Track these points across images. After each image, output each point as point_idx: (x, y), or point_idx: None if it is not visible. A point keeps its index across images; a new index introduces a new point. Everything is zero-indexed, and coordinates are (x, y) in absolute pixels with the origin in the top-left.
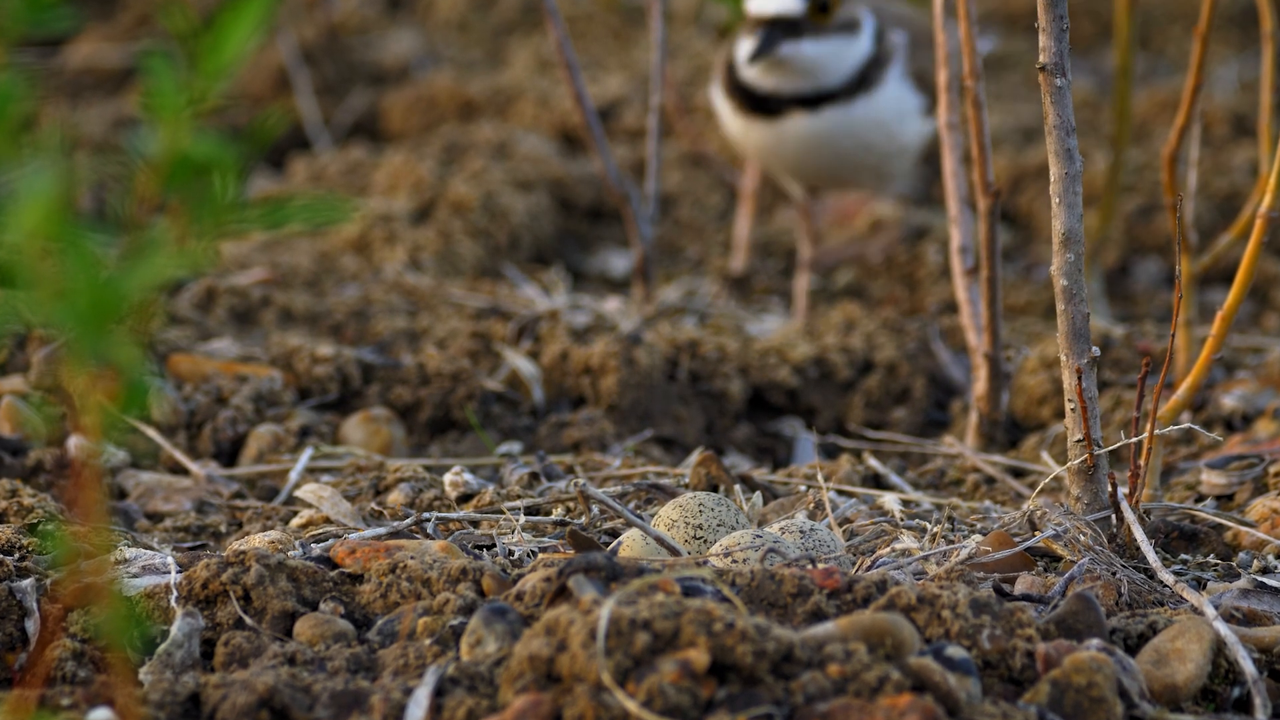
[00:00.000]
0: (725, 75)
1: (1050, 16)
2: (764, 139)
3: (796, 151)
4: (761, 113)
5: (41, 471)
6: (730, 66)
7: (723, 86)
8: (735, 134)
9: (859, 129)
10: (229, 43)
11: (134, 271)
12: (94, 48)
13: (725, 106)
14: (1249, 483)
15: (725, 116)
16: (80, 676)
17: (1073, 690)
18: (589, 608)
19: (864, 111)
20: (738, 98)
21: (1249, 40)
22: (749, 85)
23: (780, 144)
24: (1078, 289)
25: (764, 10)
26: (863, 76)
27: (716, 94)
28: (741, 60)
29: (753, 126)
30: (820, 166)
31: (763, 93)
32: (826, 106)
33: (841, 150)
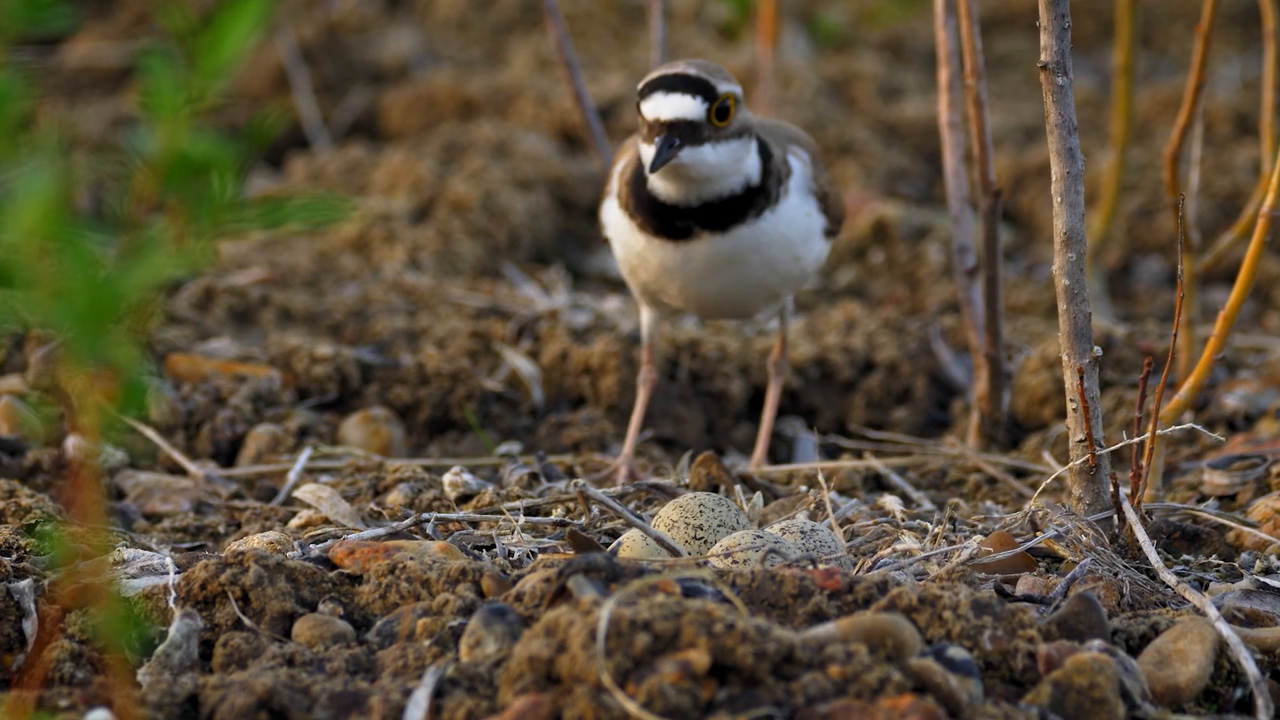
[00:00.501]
0: (628, 189)
1: (1052, 15)
2: (669, 262)
3: (701, 274)
4: (668, 235)
5: (39, 472)
6: (634, 179)
7: (623, 202)
8: (633, 256)
9: (765, 245)
10: (227, 41)
11: (132, 271)
12: (92, 46)
13: (624, 225)
14: (1251, 483)
15: (623, 236)
16: (78, 678)
17: (1074, 691)
18: (589, 608)
19: (771, 226)
20: (642, 214)
21: (1251, 39)
22: (656, 195)
23: (686, 267)
24: (1079, 288)
25: (663, 115)
26: (764, 189)
27: (612, 212)
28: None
29: (655, 248)
30: (723, 290)
31: (670, 203)
32: (735, 226)
33: (747, 271)
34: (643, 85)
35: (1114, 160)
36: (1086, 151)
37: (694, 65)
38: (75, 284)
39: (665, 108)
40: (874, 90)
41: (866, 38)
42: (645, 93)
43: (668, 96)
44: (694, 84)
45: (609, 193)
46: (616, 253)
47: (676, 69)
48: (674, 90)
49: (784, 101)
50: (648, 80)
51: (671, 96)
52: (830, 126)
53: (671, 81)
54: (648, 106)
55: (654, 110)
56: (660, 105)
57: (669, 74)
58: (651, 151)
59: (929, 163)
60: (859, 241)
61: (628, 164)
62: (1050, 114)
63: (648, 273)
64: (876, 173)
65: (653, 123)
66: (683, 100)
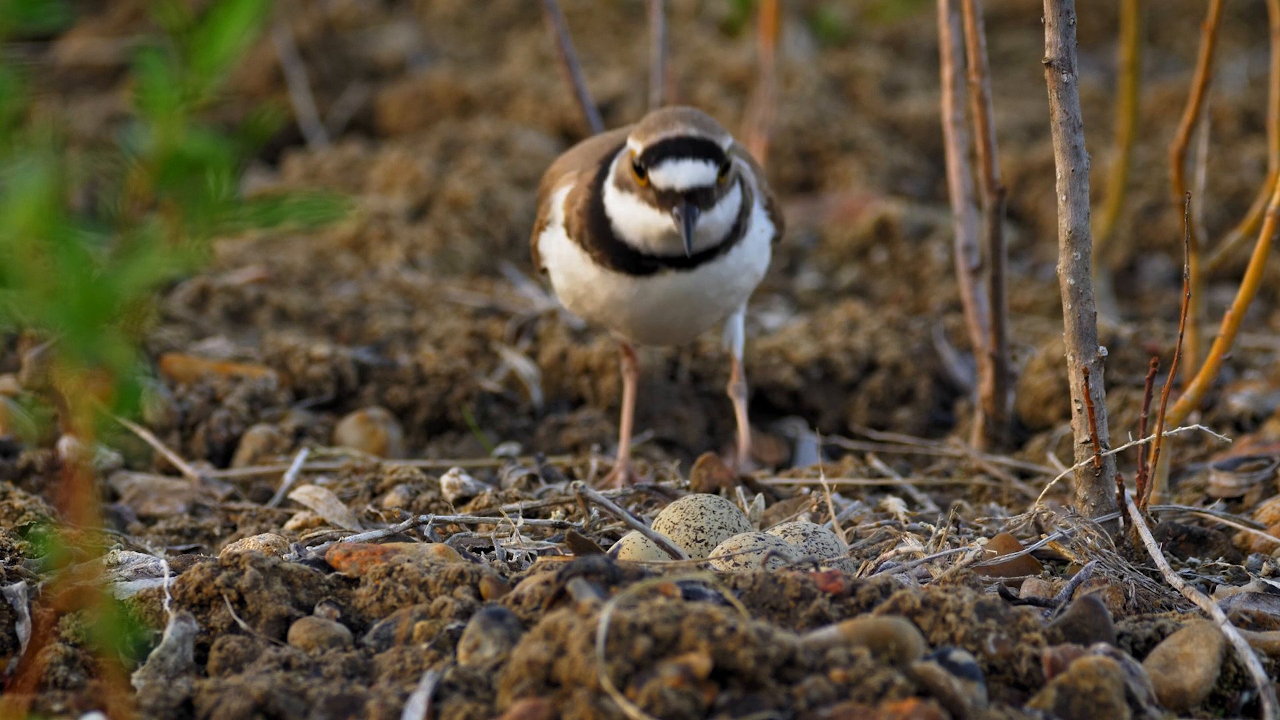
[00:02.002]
0: (583, 221)
1: (1056, 11)
2: (623, 295)
3: (657, 307)
4: (631, 271)
5: (33, 473)
6: (590, 212)
7: (574, 234)
8: (579, 288)
9: (729, 276)
10: (223, 38)
11: (126, 270)
12: (86, 43)
13: (573, 256)
14: (1259, 485)
15: (570, 267)
16: (72, 681)
17: (1079, 695)
18: (588, 611)
19: (735, 259)
20: (601, 249)
21: (1258, 35)
22: (635, 248)
23: (641, 299)
24: (1084, 288)
25: (678, 184)
26: (737, 226)
27: (556, 242)
28: (655, 233)
29: (611, 281)
30: (675, 320)
31: (646, 252)
32: (702, 262)
33: (704, 302)
34: (646, 149)
35: (1119, 158)
36: (1092, 149)
37: (693, 123)
38: (69, 283)
39: (680, 176)
40: (876, 87)
41: (869, 34)
42: (654, 160)
43: (679, 164)
44: (703, 148)
45: (548, 221)
46: (557, 283)
47: (678, 130)
48: (684, 157)
49: (785, 99)
50: (651, 144)
51: (683, 164)
52: (832, 124)
53: (679, 147)
54: (659, 175)
55: (668, 179)
56: (674, 174)
57: (674, 137)
58: (668, 221)
59: (932, 161)
60: (862, 240)
61: (575, 192)
62: (1055, 111)
63: (594, 304)
64: (879, 171)
65: (666, 191)
66: (695, 167)
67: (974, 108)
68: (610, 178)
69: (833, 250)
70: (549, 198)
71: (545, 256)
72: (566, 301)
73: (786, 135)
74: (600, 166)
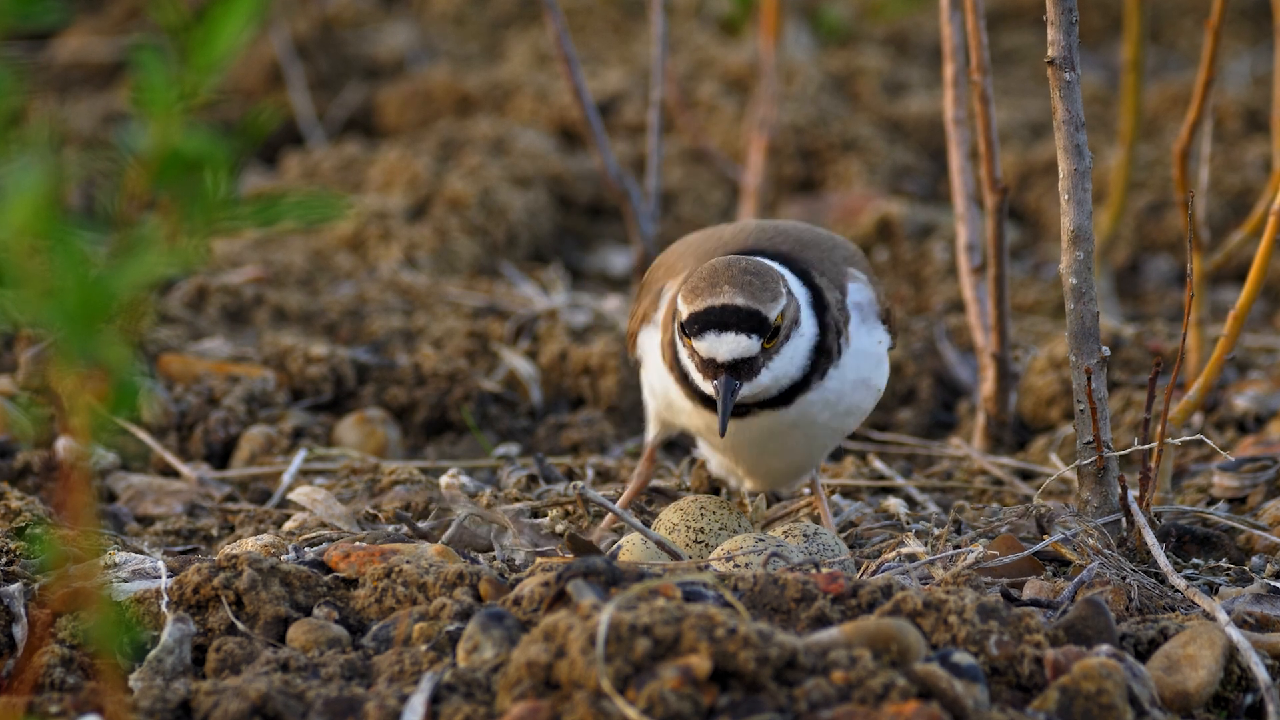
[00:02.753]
0: (672, 355)
1: (1059, 9)
2: (727, 438)
3: (759, 441)
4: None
5: (30, 474)
6: (674, 353)
7: (667, 362)
8: (678, 406)
9: (834, 402)
10: (221, 36)
11: (124, 270)
12: (83, 41)
13: (673, 386)
14: (1262, 485)
15: (667, 390)
16: (69, 683)
17: (1082, 697)
18: (588, 613)
19: (837, 383)
20: (688, 388)
21: (1262, 33)
22: (709, 395)
23: (739, 434)
24: (1087, 287)
25: (719, 357)
26: (824, 349)
27: (654, 351)
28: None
29: (706, 414)
30: (781, 453)
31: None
32: (799, 394)
33: (814, 429)
34: (690, 316)
35: (1122, 157)
36: (1094, 148)
37: (740, 289)
38: (66, 283)
39: (721, 349)
40: (878, 86)
41: (870, 32)
42: (696, 330)
43: (721, 336)
44: (747, 319)
45: (650, 319)
46: (651, 384)
47: (724, 298)
48: (727, 329)
49: (786, 98)
50: (695, 312)
51: (725, 336)
52: (834, 123)
53: (723, 317)
54: (701, 345)
55: (709, 350)
56: (715, 346)
57: (718, 306)
58: (709, 388)
59: (934, 160)
60: (863, 240)
61: (666, 323)
62: (1057, 110)
63: (690, 425)
64: (880, 170)
65: (707, 361)
66: (738, 340)
67: (976, 106)
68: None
69: None
70: (654, 295)
71: (643, 353)
72: (656, 408)
73: (787, 134)
74: (673, 303)
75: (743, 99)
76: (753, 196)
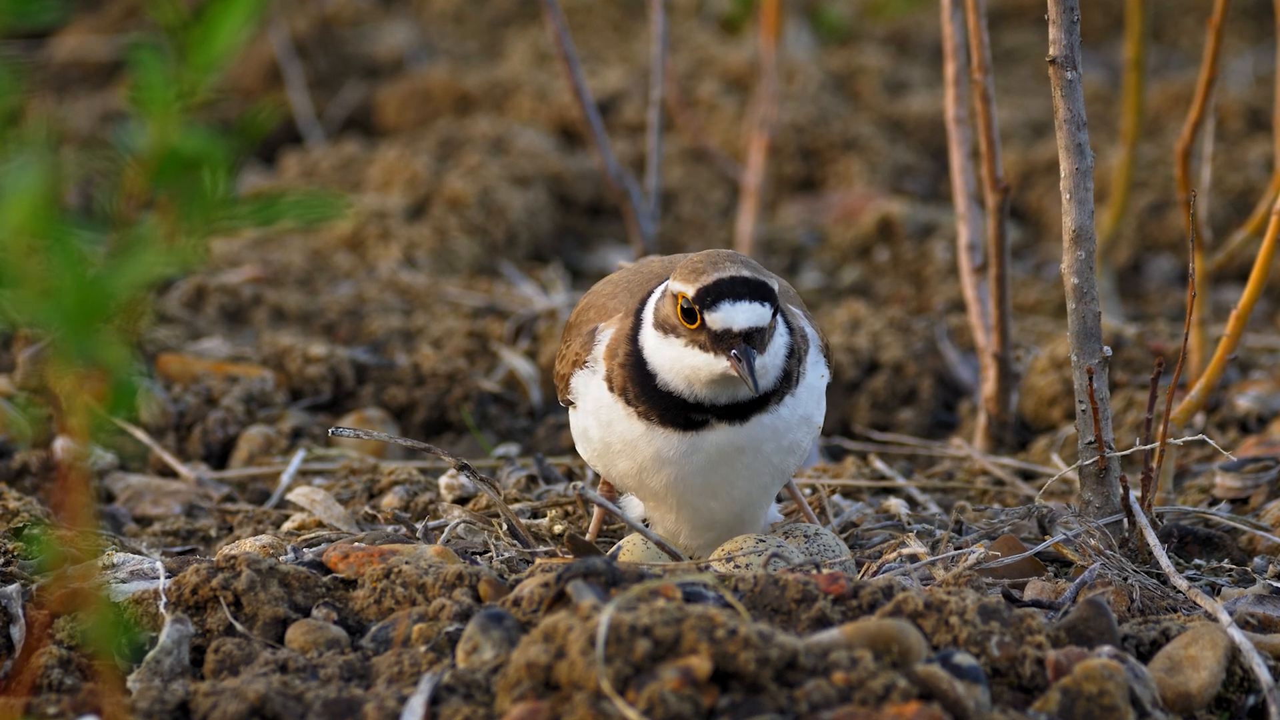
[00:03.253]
0: (625, 375)
1: (1060, 8)
2: (669, 453)
3: (706, 466)
4: (680, 426)
5: (27, 474)
6: (632, 365)
7: (616, 387)
8: (616, 441)
9: (784, 428)
10: (219, 35)
11: (122, 269)
12: (81, 40)
13: (620, 413)
14: (1264, 486)
15: (607, 417)
16: (67, 684)
17: (1084, 698)
18: (588, 614)
19: (790, 408)
20: (649, 405)
21: (1264, 32)
22: (680, 397)
23: (689, 458)
24: (1089, 287)
25: (736, 325)
26: (789, 372)
27: (594, 389)
28: (705, 378)
29: (658, 438)
30: (726, 483)
31: (694, 401)
32: (755, 412)
33: (760, 458)
34: (700, 291)
35: (1124, 156)
36: (1096, 147)
37: (742, 264)
38: (64, 282)
39: (739, 317)
40: (879, 85)
41: (871, 31)
42: (710, 302)
43: (736, 304)
44: (758, 289)
45: (583, 363)
46: (586, 428)
47: (730, 271)
48: (741, 298)
49: (787, 97)
50: (705, 285)
51: (740, 305)
52: (834, 122)
53: (735, 288)
54: (716, 317)
55: (725, 321)
56: (732, 315)
57: (728, 278)
58: (723, 364)
59: (935, 159)
60: (864, 240)
61: (615, 343)
62: (1059, 109)
63: (631, 463)
64: (881, 169)
65: (722, 333)
66: (752, 308)
67: (977, 105)
68: (648, 324)
69: (834, 249)
70: (586, 337)
71: (577, 396)
72: (592, 452)
73: (788, 133)
74: (635, 315)
75: (743, 98)
76: (753, 196)
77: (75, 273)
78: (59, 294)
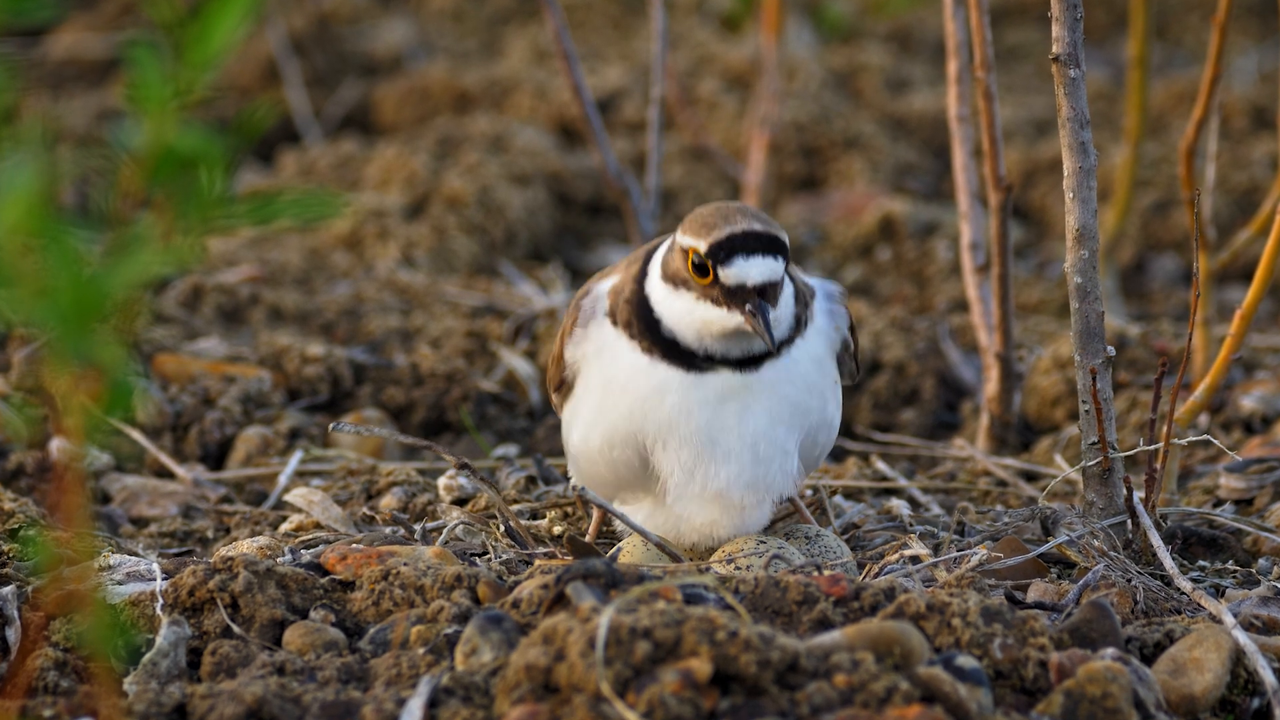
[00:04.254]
0: (634, 313)
1: (1063, 5)
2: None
3: (713, 398)
4: (685, 366)
5: (23, 475)
6: (642, 307)
7: (626, 324)
8: (621, 375)
9: (796, 371)
10: (216, 33)
11: (118, 269)
12: (76, 38)
13: (621, 343)
14: (1269, 487)
15: (611, 353)
16: (63, 687)
17: (1087, 701)
18: (588, 616)
19: (800, 350)
20: (652, 340)
21: (1269, 30)
22: (688, 347)
23: (694, 389)
24: (1092, 286)
25: (751, 279)
26: (798, 317)
27: (596, 329)
28: (718, 331)
29: (660, 369)
30: (737, 419)
31: (704, 353)
32: (765, 361)
33: (774, 395)
34: (714, 245)
35: (1128, 155)
36: (1099, 146)
37: (754, 218)
38: (60, 282)
39: (753, 272)
40: (881, 83)
41: (873, 29)
42: (724, 256)
43: (750, 259)
44: (771, 243)
45: (588, 318)
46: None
47: (743, 225)
48: (755, 252)
49: (788, 95)
50: (718, 240)
51: (754, 259)
52: (836, 120)
53: (749, 243)
54: (730, 271)
55: (739, 275)
56: (747, 269)
57: (740, 232)
58: (737, 319)
59: (937, 157)
60: (865, 238)
61: (621, 284)
62: (1062, 107)
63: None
64: (883, 167)
65: (736, 288)
66: (765, 262)
67: (980, 103)
68: (654, 275)
69: (836, 248)
70: (580, 297)
71: (573, 364)
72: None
73: (789, 131)
74: (642, 264)
75: (744, 96)
76: (754, 195)
77: (71, 272)
78: (55, 293)
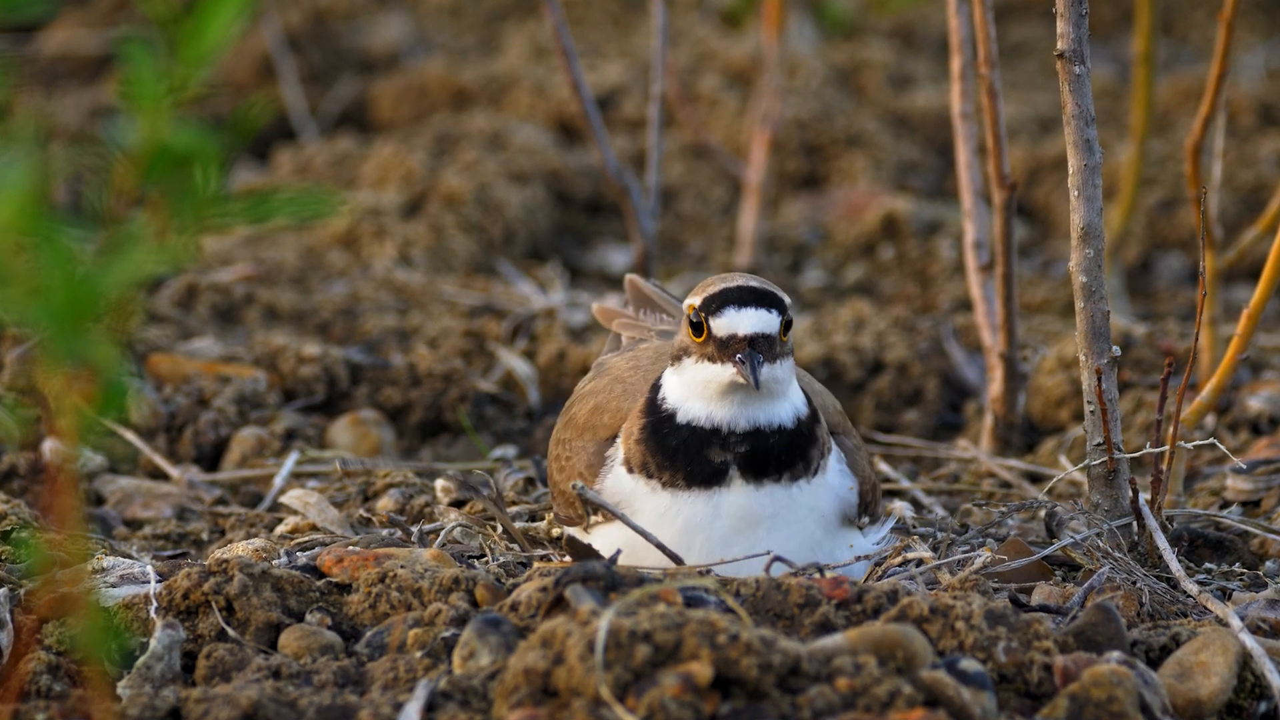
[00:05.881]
0: (643, 445)
1: (1068, 1)
2: (696, 520)
3: (731, 531)
4: (699, 480)
5: (15, 476)
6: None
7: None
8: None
9: (801, 500)
10: (211, 29)
11: (112, 268)
12: (70, 34)
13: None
14: (1276, 488)
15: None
16: (56, 690)
17: (1092, 705)
18: (587, 619)
19: (814, 485)
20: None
21: (1276, 26)
22: (692, 422)
23: (714, 523)
24: (1097, 286)
25: (741, 330)
26: (812, 435)
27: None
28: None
29: (682, 505)
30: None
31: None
32: (771, 474)
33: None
34: (707, 299)
35: (1133, 152)
36: (1105, 143)
37: (752, 278)
38: (52, 281)
39: (743, 323)
40: (883, 79)
41: (876, 25)
42: (715, 308)
43: (742, 311)
44: (766, 298)
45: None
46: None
47: (738, 281)
48: (747, 305)
49: (790, 92)
50: (711, 294)
51: (746, 311)
52: (838, 117)
53: (742, 295)
54: (720, 322)
55: (730, 326)
56: (737, 320)
57: (734, 287)
58: (730, 371)
59: (941, 155)
60: (868, 237)
61: (631, 424)
62: (1067, 104)
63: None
64: (886, 165)
65: (728, 338)
66: (759, 315)
67: (984, 100)
68: (667, 381)
69: (838, 247)
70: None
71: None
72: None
73: (791, 129)
74: (653, 388)
75: (745, 93)
76: (755, 193)
77: (64, 271)
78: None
